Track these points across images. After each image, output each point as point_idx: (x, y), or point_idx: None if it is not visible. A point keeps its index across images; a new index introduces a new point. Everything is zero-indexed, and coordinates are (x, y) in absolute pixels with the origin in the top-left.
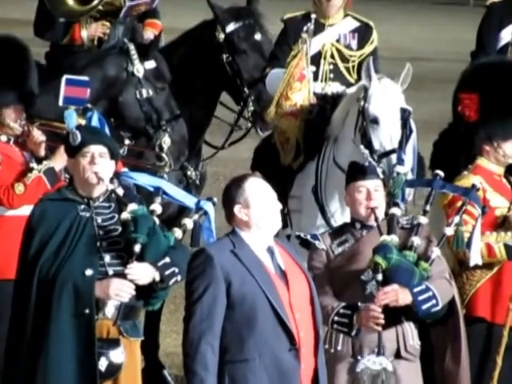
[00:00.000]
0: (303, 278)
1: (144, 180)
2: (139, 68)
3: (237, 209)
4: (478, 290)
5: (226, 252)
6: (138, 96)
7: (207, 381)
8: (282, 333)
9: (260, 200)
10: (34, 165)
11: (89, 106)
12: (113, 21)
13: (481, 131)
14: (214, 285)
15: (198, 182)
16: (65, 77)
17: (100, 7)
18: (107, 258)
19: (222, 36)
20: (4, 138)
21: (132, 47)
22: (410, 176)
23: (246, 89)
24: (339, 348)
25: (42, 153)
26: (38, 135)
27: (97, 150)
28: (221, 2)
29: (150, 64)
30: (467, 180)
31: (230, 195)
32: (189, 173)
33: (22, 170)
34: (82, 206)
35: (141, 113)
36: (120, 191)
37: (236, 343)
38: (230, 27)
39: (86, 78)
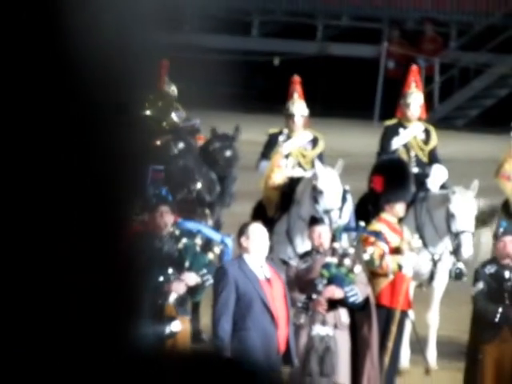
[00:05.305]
0: (280, 282)
1: (191, 225)
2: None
3: (242, 239)
4: (382, 289)
5: (235, 267)
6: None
7: (225, 340)
8: (267, 314)
9: (256, 235)
10: None
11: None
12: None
13: (383, 198)
14: (228, 286)
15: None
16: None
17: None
18: (170, 270)
19: (211, 148)
20: None
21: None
22: (345, 222)
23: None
24: (301, 321)
25: None
26: None
27: (164, 208)
28: None
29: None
30: (375, 226)
31: (241, 231)
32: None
33: None
34: (157, 240)
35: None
36: (177, 232)
37: (241, 319)
38: (216, 145)
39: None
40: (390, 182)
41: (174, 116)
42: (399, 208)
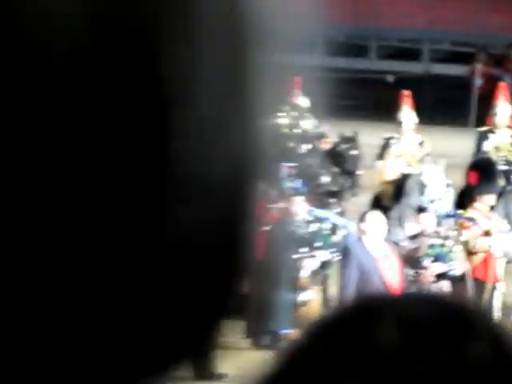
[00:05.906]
0: (396, 258)
1: (320, 212)
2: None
3: (363, 224)
4: (476, 265)
5: (357, 247)
6: None
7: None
8: (384, 286)
9: (374, 221)
10: None
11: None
12: None
13: (476, 190)
14: (351, 263)
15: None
16: None
17: None
18: (303, 249)
19: (340, 149)
20: None
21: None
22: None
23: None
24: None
25: None
26: None
27: (299, 198)
28: None
29: None
30: (470, 212)
31: (362, 218)
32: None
33: None
34: (292, 224)
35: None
36: (309, 218)
37: (362, 291)
38: (344, 146)
39: None
40: (482, 178)
41: (305, 123)
42: (489, 198)
